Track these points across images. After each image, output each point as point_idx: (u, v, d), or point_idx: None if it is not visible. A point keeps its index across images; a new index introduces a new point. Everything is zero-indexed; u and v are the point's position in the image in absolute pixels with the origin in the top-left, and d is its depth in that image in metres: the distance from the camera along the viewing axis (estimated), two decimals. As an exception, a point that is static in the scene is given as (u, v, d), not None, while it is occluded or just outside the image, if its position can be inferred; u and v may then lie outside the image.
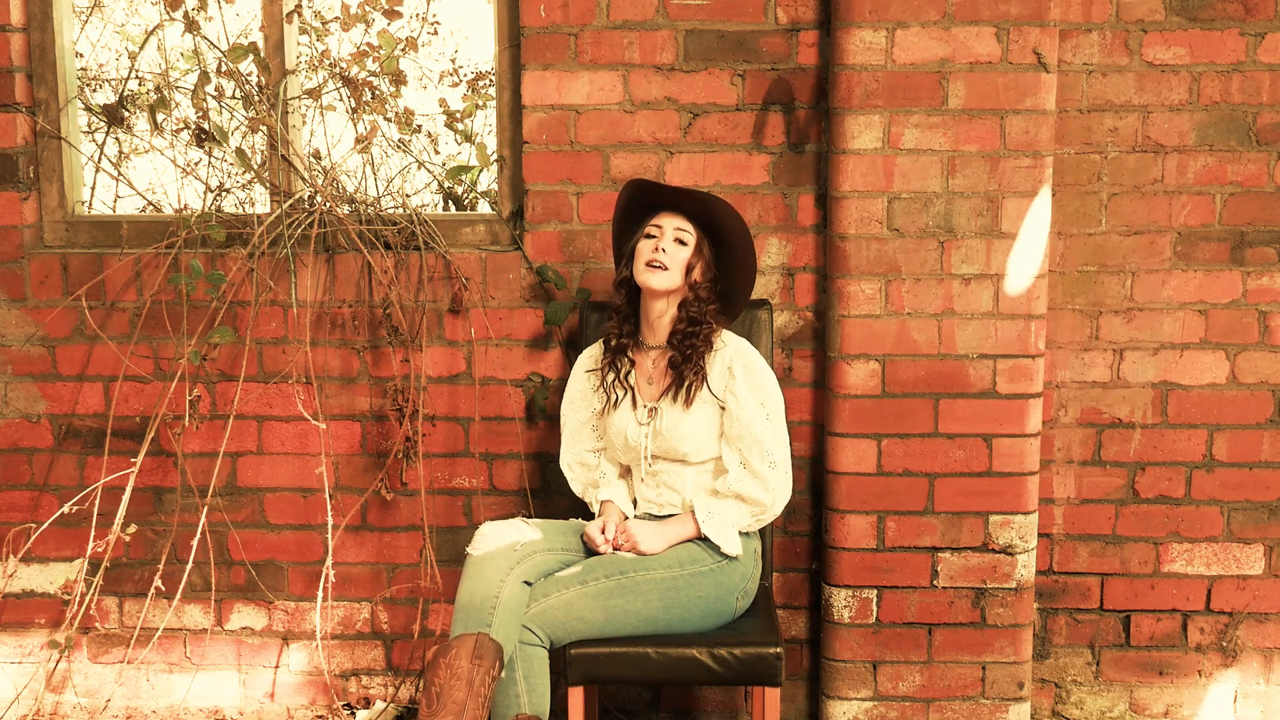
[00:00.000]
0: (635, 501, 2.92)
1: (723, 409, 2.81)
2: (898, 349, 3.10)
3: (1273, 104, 3.14)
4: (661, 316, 2.83)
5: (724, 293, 2.86)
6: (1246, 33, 3.11)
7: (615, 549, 2.77)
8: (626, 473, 2.97)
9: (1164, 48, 3.12)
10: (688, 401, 2.79)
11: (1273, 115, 3.14)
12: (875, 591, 3.18)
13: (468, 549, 2.76)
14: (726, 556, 2.76)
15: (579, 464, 2.99)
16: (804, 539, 3.31)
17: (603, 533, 2.79)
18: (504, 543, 2.73)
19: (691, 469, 2.84)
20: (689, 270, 2.79)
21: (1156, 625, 3.34)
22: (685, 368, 2.79)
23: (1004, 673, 3.20)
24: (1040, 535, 3.29)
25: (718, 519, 2.76)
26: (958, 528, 3.15)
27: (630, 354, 2.89)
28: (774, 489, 2.78)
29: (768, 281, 3.20)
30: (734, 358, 2.81)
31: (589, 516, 2.95)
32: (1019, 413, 3.10)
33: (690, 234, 2.79)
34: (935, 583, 3.17)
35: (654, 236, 2.79)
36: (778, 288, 3.22)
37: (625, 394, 2.87)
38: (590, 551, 2.81)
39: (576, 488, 3.00)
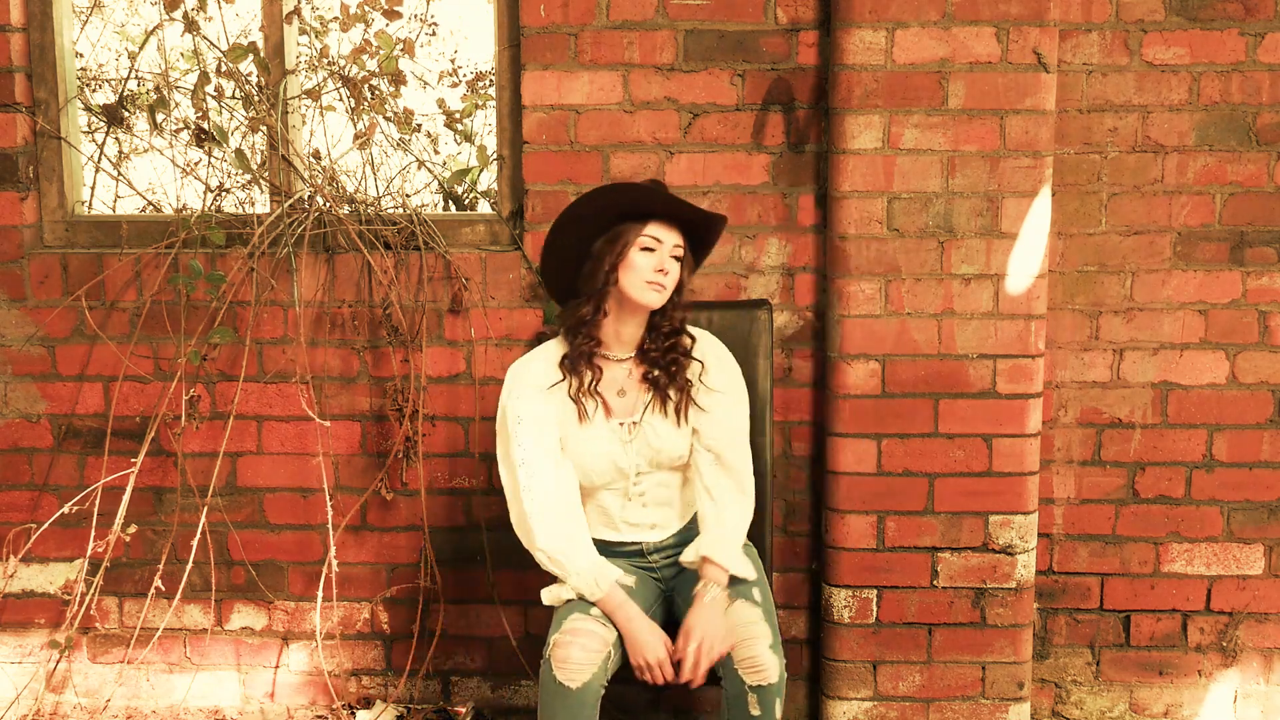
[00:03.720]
0: (619, 526, 2.74)
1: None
2: (898, 349, 3.10)
3: (1273, 104, 3.14)
4: (635, 327, 2.66)
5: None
6: (1246, 33, 3.11)
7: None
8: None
9: (1164, 48, 3.12)
10: (679, 417, 2.65)
11: (1273, 115, 3.14)
12: (875, 591, 3.18)
13: (555, 673, 2.45)
14: (742, 580, 2.63)
15: (554, 511, 2.59)
16: (804, 539, 3.31)
17: (675, 660, 2.53)
18: (597, 661, 2.48)
19: (678, 474, 2.73)
20: (679, 284, 2.63)
21: (1156, 625, 3.34)
22: (670, 384, 2.64)
23: (1004, 673, 3.20)
24: (1040, 535, 3.29)
25: (734, 553, 2.61)
26: (958, 528, 3.15)
27: (596, 363, 2.66)
28: (750, 484, 2.69)
29: (768, 281, 3.21)
30: (707, 356, 2.68)
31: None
32: (1019, 413, 3.10)
33: (682, 247, 2.62)
34: (935, 583, 3.17)
35: (652, 250, 2.57)
36: (778, 288, 3.22)
37: (597, 407, 2.64)
38: None
39: (560, 551, 2.57)
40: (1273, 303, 3.22)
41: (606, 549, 2.70)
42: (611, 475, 2.67)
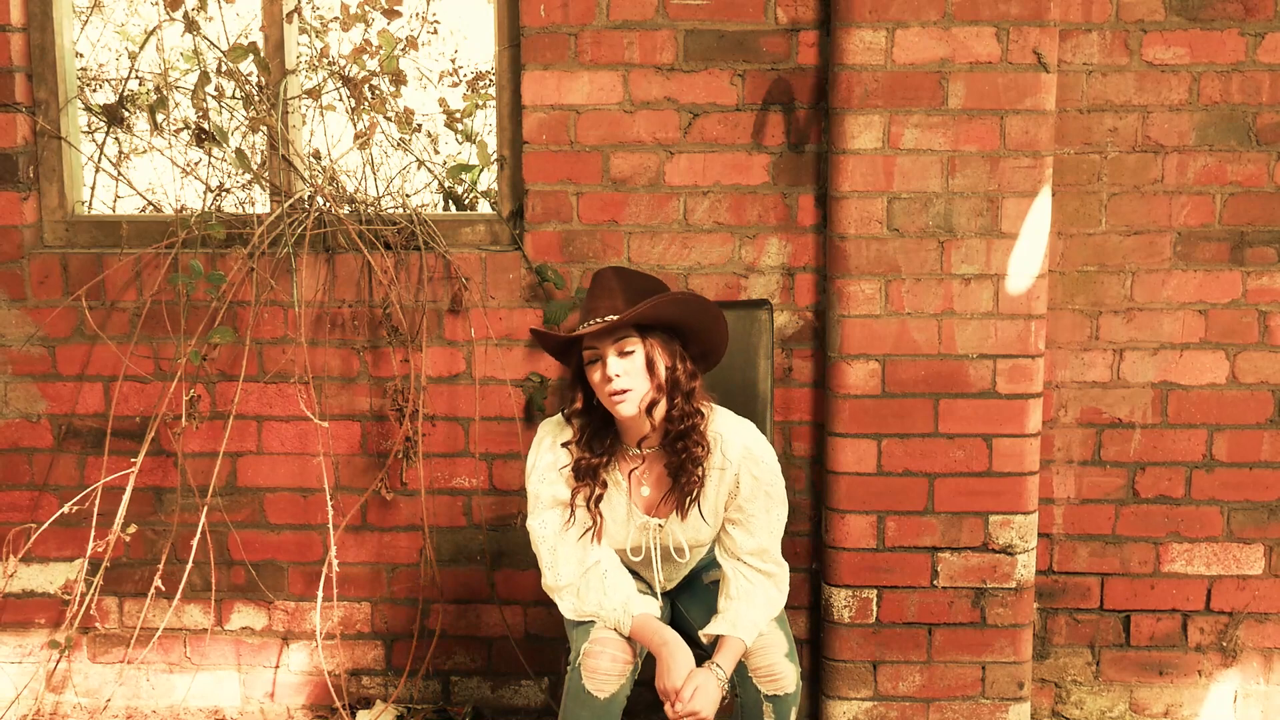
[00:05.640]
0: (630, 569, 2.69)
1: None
2: (898, 349, 3.10)
3: (1273, 104, 3.14)
4: (645, 424, 2.48)
5: (699, 352, 2.53)
6: (1246, 33, 3.11)
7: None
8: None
9: (1164, 48, 3.12)
10: (697, 507, 2.51)
11: (1273, 115, 3.14)
12: (875, 591, 3.18)
13: (585, 682, 2.45)
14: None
15: (579, 585, 2.53)
16: (804, 539, 3.31)
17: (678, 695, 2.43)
18: (625, 672, 2.47)
19: (703, 547, 2.64)
20: (651, 367, 2.42)
21: (1156, 625, 3.34)
22: (686, 482, 2.48)
23: (1004, 673, 3.20)
24: (1040, 535, 3.29)
25: (753, 634, 2.51)
26: (958, 528, 3.15)
27: (611, 468, 2.53)
28: (784, 582, 2.59)
29: (768, 281, 3.21)
30: (742, 464, 2.50)
31: None
32: (1019, 413, 3.10)
33: (633, 337, 2.41)
34: (935, 583, 3.17)
35: (596, 363, 2.42)
36: (778, 288, 3.22)
37: (599, 521, 2.53)
38: None
39: (587, 614, 2.52)
40: (1273, 303, 3.21)
41: None
42: (632, 558, 2.61)
